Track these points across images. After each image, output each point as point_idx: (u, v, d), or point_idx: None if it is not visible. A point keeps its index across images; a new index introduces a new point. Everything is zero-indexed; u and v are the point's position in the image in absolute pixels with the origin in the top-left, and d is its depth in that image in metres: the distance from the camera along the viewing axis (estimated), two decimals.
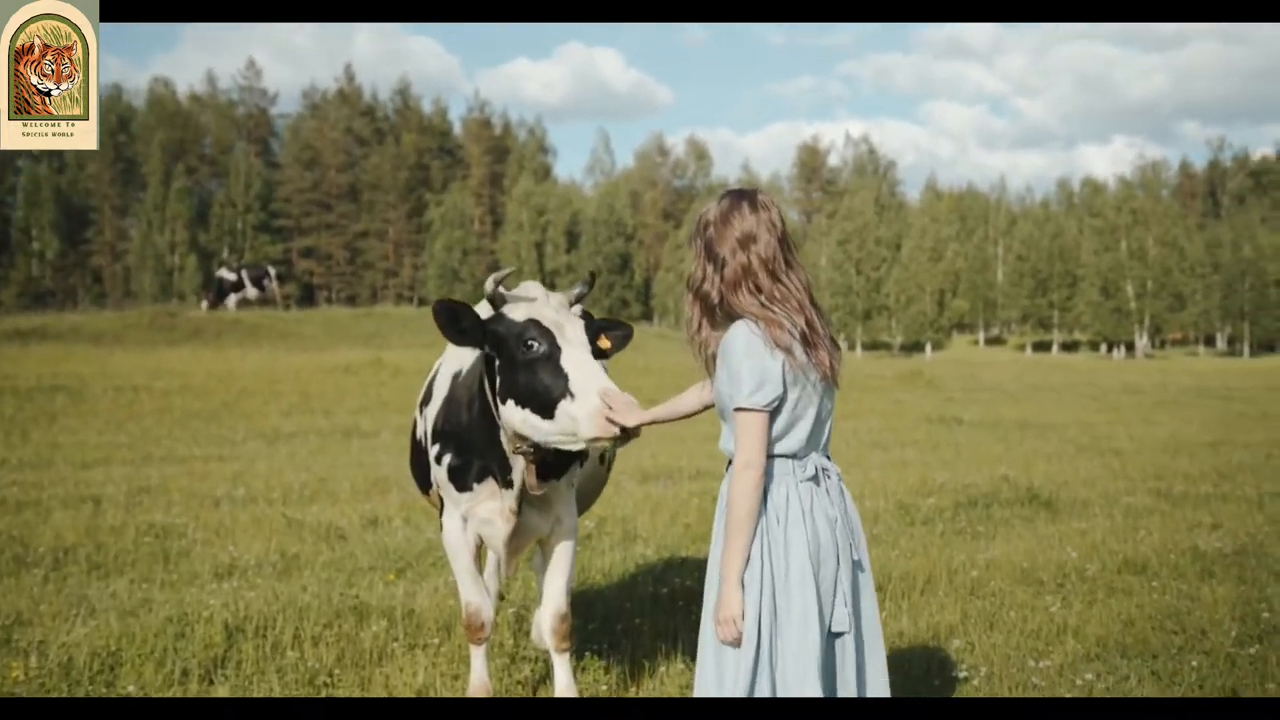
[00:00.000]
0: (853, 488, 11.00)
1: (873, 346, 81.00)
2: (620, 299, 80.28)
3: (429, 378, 5.29)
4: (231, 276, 40.32)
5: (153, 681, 5.31)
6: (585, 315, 4.78)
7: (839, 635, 3.59)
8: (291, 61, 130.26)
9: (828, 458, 3.67)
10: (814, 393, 3.56)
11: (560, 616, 5.01)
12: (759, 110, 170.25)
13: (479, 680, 5.18)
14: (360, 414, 19.01)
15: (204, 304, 40.38)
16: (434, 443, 4.97)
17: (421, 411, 5.22)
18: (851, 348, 76.76)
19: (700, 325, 3.69)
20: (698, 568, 7.38)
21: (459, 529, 4.97)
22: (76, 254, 79.69)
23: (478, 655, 5.18)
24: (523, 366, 4.28)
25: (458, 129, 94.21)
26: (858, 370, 34.91)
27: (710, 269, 3.62)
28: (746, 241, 3.57)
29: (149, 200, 79.27)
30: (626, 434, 4.05)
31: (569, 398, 4.16)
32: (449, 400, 4.94)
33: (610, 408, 4.05)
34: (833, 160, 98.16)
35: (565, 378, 4.20)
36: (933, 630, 6.39)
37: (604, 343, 4.55)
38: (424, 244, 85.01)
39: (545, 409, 4.23)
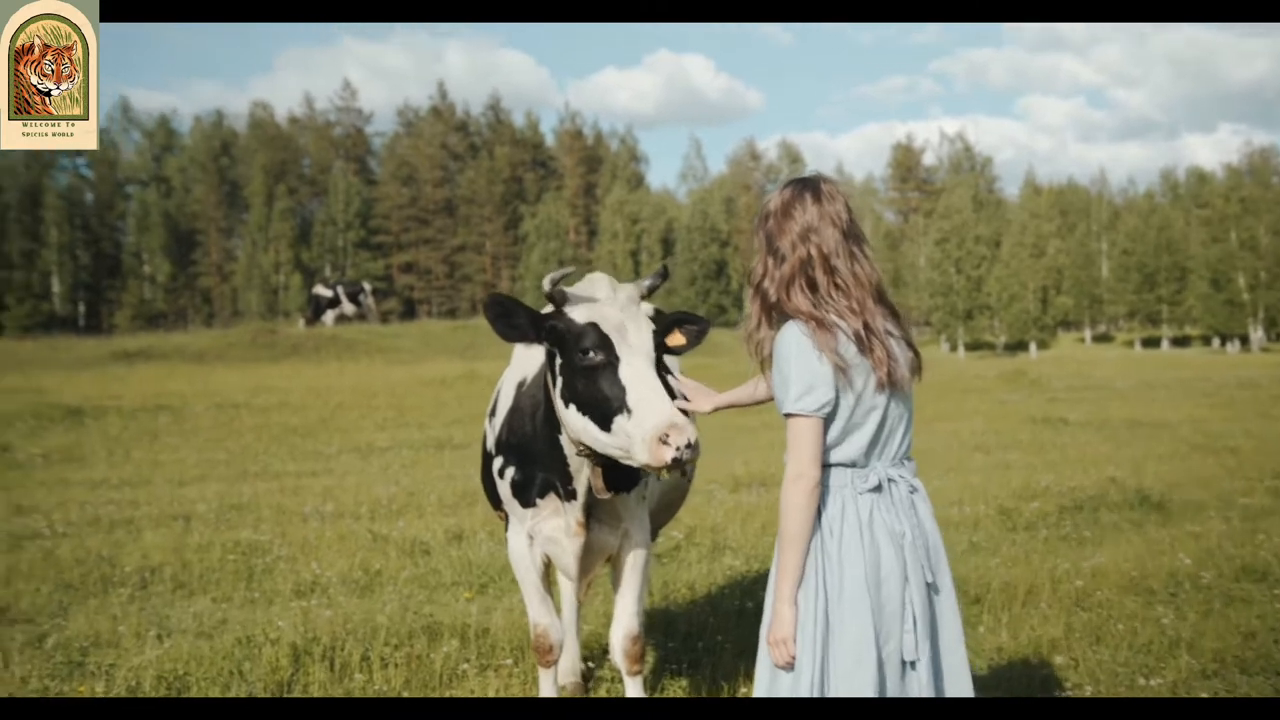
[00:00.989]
0: (952, 492, 10.72)
1: (975, 346, 79.41)
2: (717, 305, 79.88)
3: (496, 388, 5.10)
4: (328, 293, 40.92)
5: None
6: (656, 311, 4.48)
7: (911, 664, 3.30)
8: (385, 81, 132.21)
9: (905, 467, 3.39)
10: (874, 398, 3.29)
11: (631, 638, 4.78)
12: (851, 111, 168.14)
13: None
14: (453, 426, 19.06)
15: (302, 322, 41.07)
16: (498, 455, 4.78)
17: (490, 422, 5.03)
18: (954, 348, 75.49)
19: (760, 323, 3.44)
20: None
21: (525, 547, 4.78)
22: (186, 276, 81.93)
23: (546, 678, 4.98)
24: (581, 373, 4.04)
25: (550, 141, 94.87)
26: (960, 371, 34.20)
27: (771, 263, 3.39)
28: (807, 235, 3.34)
29: (253, 221, 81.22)
30: (679, 464, 3.74)
31: (625, 414, 3.90)
32: (513, 410, 4.74)
33: (669, 434, 3.71)
34: (928, 159, 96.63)
35: (623, 390, 3.93)
36: (1034, 645, 6.04)
37: (676, 339, 4.26)
38: (520, 256, 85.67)
39: (603, 420, 3.98)
